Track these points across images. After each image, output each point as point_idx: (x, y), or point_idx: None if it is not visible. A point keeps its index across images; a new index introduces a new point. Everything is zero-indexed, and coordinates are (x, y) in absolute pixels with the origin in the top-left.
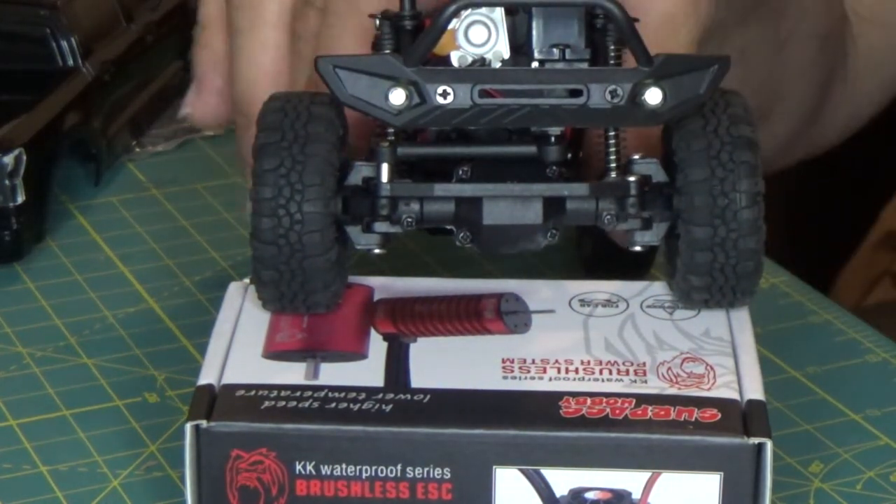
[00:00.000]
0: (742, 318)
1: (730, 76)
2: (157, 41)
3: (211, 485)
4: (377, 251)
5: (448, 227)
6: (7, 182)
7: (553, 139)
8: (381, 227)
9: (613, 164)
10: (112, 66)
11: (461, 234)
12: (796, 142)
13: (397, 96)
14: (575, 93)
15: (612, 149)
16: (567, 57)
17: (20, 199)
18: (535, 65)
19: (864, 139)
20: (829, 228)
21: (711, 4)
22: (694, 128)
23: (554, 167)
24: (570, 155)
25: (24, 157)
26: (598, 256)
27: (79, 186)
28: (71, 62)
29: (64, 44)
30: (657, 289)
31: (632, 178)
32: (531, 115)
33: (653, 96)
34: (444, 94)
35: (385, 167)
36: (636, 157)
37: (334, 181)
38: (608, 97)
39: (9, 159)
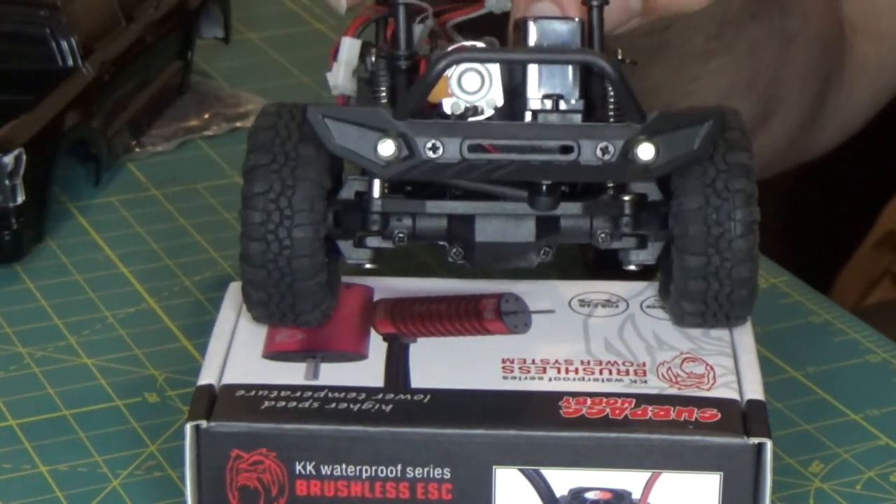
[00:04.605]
0: None
1: (741, 73)
2: (157, 41)
3: (211, 485)
4: (368, 266)
5: (440, 242)
6: (7, 182)
7: (544, 188)
8: (372, 242)
9: (609, 183)
10: (112, 66)
11: (453, 251)
12: (793, 146)
13: (386, 148)
14: (566, 149)
15: None
16: (560, 108)
17: (20, 199)
18: (528, 115)
19: (864, 140)
20: (829, 228)
21: None
22: None
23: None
24: (565, 189)
25: (24, 157)
26: (601, 264)
27: (79, 186)
28: (71, 62)
29: (64, 44)
30: (657, 289)
31: (626, 197)
32: (521, 170)
33: (645, 152)
34: (434, 148)
35: (377, 183)
36: None
37: (325, 204)
38: (599, 153)
39: (9, 159)
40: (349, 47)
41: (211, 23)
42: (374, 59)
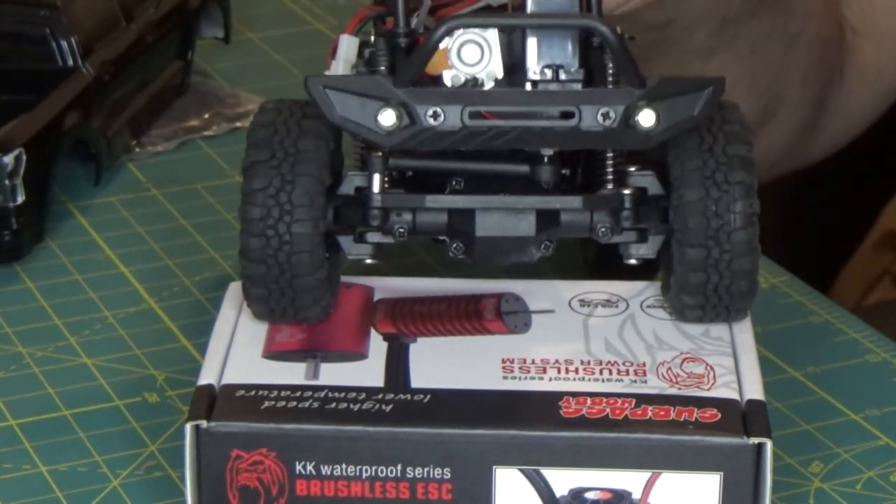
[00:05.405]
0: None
1: (742, 72)
2: (157, 41)
3: (211, 485)
4: (369, 261)
5: (441, 237)
6: (7, 182)
7: (546, 159)
8: (373, 237)
9: (609, 177)
10: (112, 66)
11: (454, 245)
12: (793, 150)
13: (387, 117)
14: (567, 115)
15: (608, 161)
16: (560, 77)
17: (20, 199)
18: (528, 85)
19: (864, 140)
20: (829, 228)
21: None
22: (689, 146)
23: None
24: (566, 172)
25: (24, 157)
26: (602, 262)
27: (79, 186)
28: (71, 62)
29: (64, 44)
30: (657, 289)
31: (626, 191)
32: (522, 138)
33: (646, 118)
34: (435, 116)
35: (377, 178)
36: (632, 169)
37: (324, 199)
38: (600, 119)
39: (9, 159)
40: (347, 44)
41: (211, 23)
42: (373, 38)
